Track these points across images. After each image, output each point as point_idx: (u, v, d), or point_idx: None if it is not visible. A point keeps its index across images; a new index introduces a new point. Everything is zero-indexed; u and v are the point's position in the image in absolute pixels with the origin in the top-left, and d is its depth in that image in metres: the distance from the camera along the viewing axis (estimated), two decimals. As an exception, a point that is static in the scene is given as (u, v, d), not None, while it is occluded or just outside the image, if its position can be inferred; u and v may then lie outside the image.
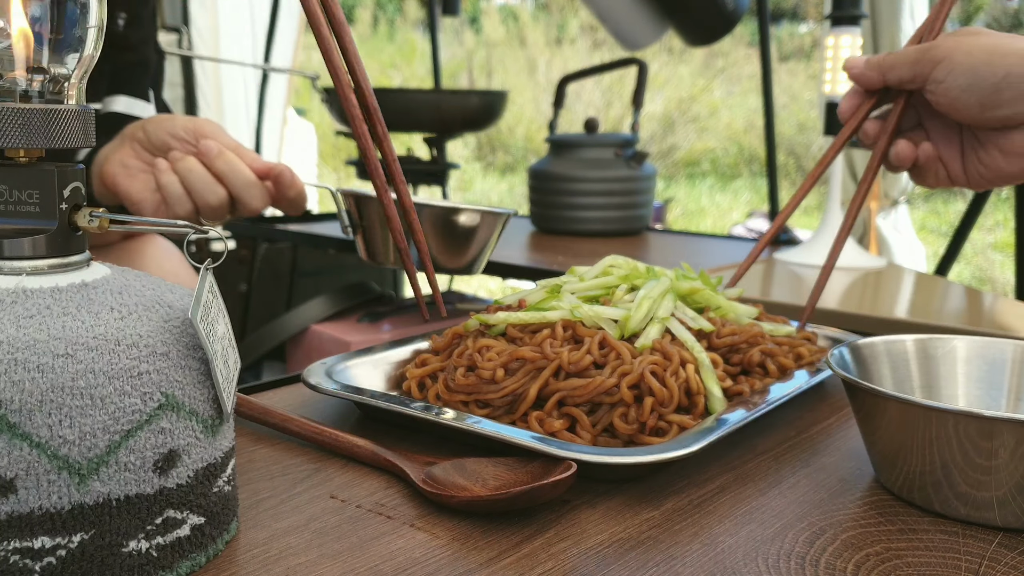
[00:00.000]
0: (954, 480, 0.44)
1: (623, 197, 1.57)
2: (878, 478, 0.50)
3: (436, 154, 1.76)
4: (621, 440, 0.52)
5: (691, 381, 0.53)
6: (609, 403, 0.52)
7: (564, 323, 0.57)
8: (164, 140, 0.75)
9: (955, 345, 0.55)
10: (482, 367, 0.54)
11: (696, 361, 0.55)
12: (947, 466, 0.44)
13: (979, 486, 0.43)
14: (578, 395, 0.52)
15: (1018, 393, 0.54)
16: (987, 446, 0.42)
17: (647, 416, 0.51)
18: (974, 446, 0.42)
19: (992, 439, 0.42)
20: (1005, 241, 4.84)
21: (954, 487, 0.44)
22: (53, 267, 0.37)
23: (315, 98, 1.90)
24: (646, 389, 0.52)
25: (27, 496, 0.33)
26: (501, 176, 7.17)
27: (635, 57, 1.70)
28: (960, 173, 0.64)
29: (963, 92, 0.58)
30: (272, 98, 3.35)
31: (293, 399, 0.62)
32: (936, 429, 0.43)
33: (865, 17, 1.33)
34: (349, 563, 0.39)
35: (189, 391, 0.37)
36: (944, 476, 0.44)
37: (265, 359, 1.78)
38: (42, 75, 0.37)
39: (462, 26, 8.03)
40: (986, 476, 0.43)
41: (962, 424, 0.42)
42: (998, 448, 0.42)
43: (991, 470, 0.42)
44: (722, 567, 0.40)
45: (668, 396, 0.52)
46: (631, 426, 0.51)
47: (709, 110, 7.27)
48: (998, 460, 0.42)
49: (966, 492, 0.44)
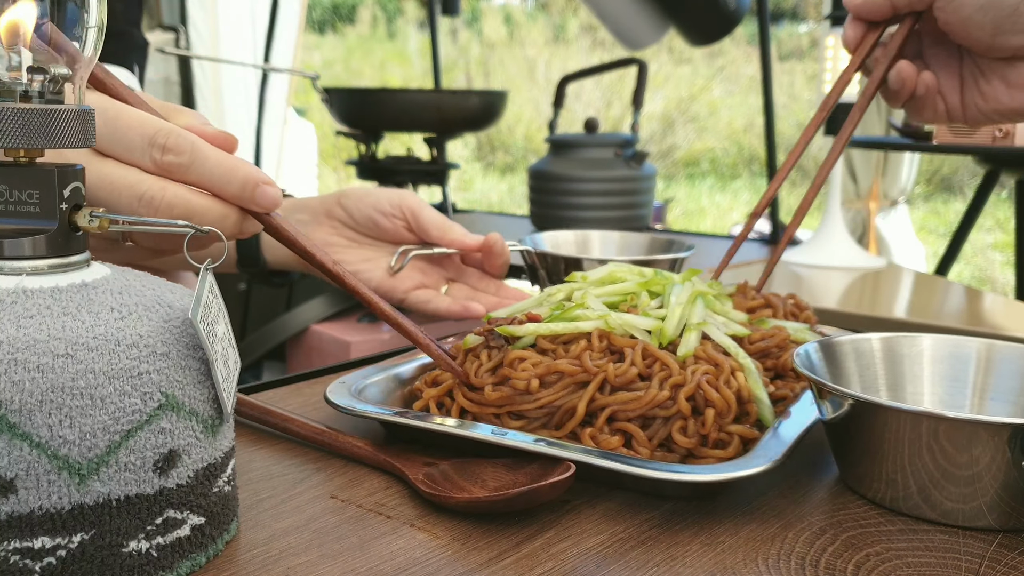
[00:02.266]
0: (924, 483, 0.44)
1: (623, 197, 1.57)
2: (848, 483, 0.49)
3: (436, 154, 1.76)
4: (679, 454, 0.50)
5: (743, 389, 0.51)
6: (663, 416, 0.50)
7: (599, 333, 0.54)
8: (370, 216, 0.76)
9: (922, 343, 0.55)
10: (516, 377, 0.52)
11: (743, 368, 0.53)
12: (917, 468, 0.44)
13: (957, 485, 0.43)
14: (630, 409, 0.50)
15: (983, 391, 0.54)
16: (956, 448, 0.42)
17: (710, 428, 0.49)
18: (942, 448, 0.42)
19: (964, 441, 0.42)
20: (1005, 241, 4.84)
21: (934, 491, 0.44)
22: (53, 267, 0.37)
23: (315, 98, 1.90)
24: (702, 400, 0.50)
25: (27, 496, 0.33)
26: (501, 176, 7.17)
27: (635, 57, 1.70)
28: (958, 106, 0.61)
29: (977, 11, 0.54)
30: (272, 98, 3.35)
31: (293, 399, 0.62)
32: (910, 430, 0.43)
33: (865, 17, 1.33)
34: (349, 563, 0.39)
35: (189, 391, 0.37)
36: (918, 479, 0.44)
37: (265, 359, 1.78)
38: (42, 75, 0.37)
39: (461, 26, 8.03)
40: (965, 482, 0.43)
41: (932, 425, 0.42)
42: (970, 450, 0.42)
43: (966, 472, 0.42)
44: (722, 567, 0.40)
45: (726, 406, 0.50)
46: (691, 439, 0.49)
47: (709, 110, 7.27)
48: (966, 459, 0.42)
49: (942, 494, 0.44)
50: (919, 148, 1.66)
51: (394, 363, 0.61)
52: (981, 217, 2.25)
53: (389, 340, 1.58)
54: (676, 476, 0.43)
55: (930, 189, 6.10)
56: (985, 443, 0.41)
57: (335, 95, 1.69)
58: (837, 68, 1.32)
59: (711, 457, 0.49)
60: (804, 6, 7.95)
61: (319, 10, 8.36)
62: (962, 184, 6.00)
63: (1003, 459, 0.42)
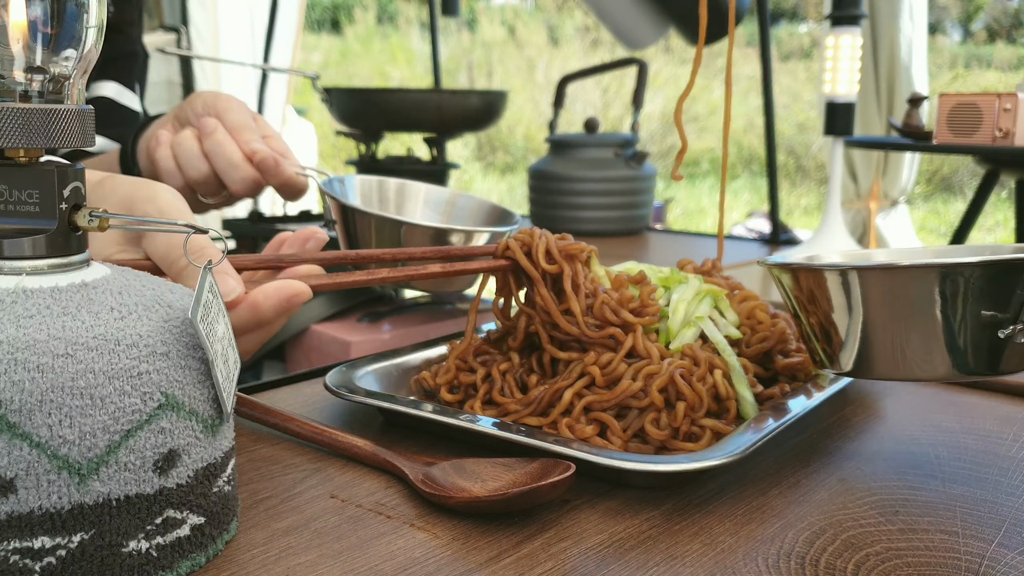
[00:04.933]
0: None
1: (623, 197, 1.57)
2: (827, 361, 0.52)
3: (436, 154, 1.76)
4: (652, 446, 0.51)
5: (719, 385, 0.53)
6: (638, 407, 0.51)
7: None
8: (187, 115, 0.76)
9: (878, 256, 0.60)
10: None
11: (727, 365, 0.54)
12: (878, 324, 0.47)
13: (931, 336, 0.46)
14: (604, 399, 0.52)
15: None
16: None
17: (680, 421, 0.50)
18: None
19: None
20: (1005, 241, 4.84)
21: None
22: (53, 267, 0.37)
23: (315, 98, 1.90)
24: (675, 393, 0.51)
25: (27, 496, 0.33)
26: (501, 176, 7.17)
27: (635, 57, 1.70)
28: None
29: None
30: (272, 98, 3.35)
31: (293, 399, 0.62)
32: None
33: (865, 17, 1.33)
34: (349, 563, 0.39)
35: (189, 391, 0.37)
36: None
37: (265, 359, 1.78)
38: (42, 75, 0.37)
39: (461, 26, 8.03)
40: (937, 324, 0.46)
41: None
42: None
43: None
44: (722, 567, 0.40)
45: (698, 400, 0.51)
46: (663, 431, 0.50)
47: (709, 110, 7.27)
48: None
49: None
50: (919, 148, 1.66)
51: (397, 355, 0.63)
52: (981, 217, 2.25)
53: (389, 340, 1.58)
54: (632, 465, 0.44)
55: (930, 189, 6.10)
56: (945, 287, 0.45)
57: (335, 95, 1.69)
58: (837, 68, 1.32)
59: (681, 449, 0.50)
60: (804, 6, 7.95)
61: (318, 10, 8.36)
62: (962, 184, 6.00)
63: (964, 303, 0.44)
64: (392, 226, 0.66)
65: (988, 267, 0.45)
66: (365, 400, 0.53)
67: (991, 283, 0.45)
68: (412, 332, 1.59)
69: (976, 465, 0.52)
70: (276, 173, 0.74)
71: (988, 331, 0.45)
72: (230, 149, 0.73)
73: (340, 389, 0.54)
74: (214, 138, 0.73)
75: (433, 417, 0.51)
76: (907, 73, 2.95)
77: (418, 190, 0.81)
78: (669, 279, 0.62)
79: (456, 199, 0.80)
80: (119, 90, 0.93)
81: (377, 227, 0.67)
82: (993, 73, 7.44)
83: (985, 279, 0.45)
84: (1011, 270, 0.45)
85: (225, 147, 0.73)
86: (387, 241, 0.68)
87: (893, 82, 2.95)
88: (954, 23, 8.32)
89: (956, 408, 0.62)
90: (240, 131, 0.74)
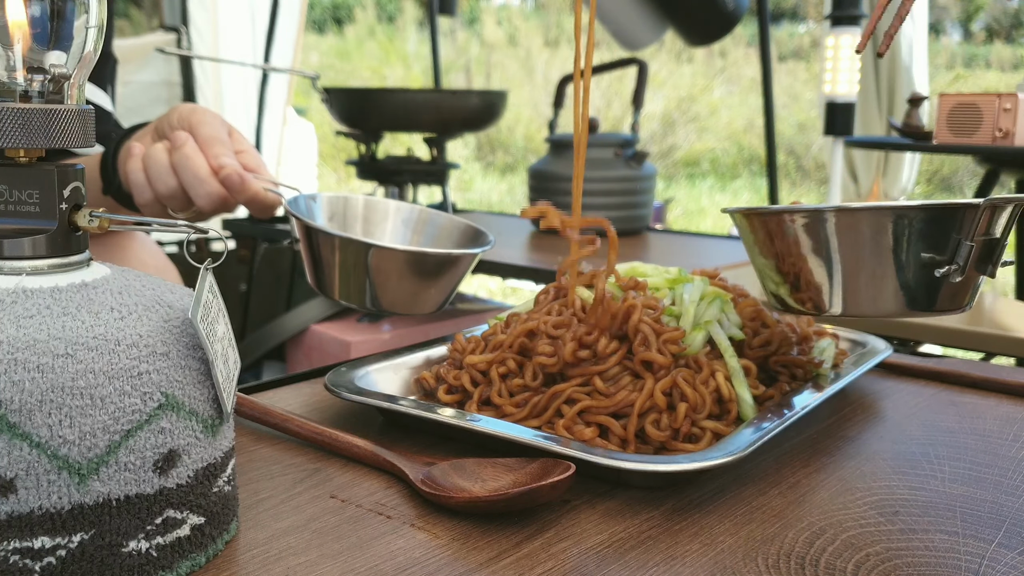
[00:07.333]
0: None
1: (623, 197, 1.58)
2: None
3: (436, 154, 1.76)
4: (652, 446, 0.51)
5: (722, 388, 0.53)
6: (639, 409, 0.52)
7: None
8: (164, 128, 0.76)
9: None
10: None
11: (728, 368, 0.55)
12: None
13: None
14: (601, 406, 0.52)
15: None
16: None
17: (681, 422, 0.51)
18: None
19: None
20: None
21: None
22: (53, 267, 0.37)
23: (315, 98, 1.90)
24: (678, 395, 0.52)
25: (27, 496, 0.33)
26: (501, 176, 7.17)
27: (635, 57, 1.70)
28: None
29: None
30: (272, 98, 3.35)
31: (293, 399, 0.62)
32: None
33: (865, 17, 1.33)
34: (349, 563, 0.39)
35: (189, 391, 0.37)
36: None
37: (265, 359, 1.78)
38: (42, 75, 0.37)
39: (460, 26, 8.03)
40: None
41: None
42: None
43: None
44: (722, 567, 0.40)
45: (700, 401, 0.51)
46: (664, 432, 0.51)
47: (709, 110, 7.27)
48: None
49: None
50: (919, 148, 1.66)
51: (397, 355, 0.63)
52: (981, 217, 2.24)
53: (389, 340, 1.58)
54: (631, 465, 0.44)
55: (930, 189, 6.10)
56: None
57: (335, 95, 1.69)
58: (837, 68, 1.32)
59: (681, 450, 0.50)
60: (804, 6, 7.96)
61: (318, 10, 8.36)
62: (962, 184, 6.00)
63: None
64: (357, 247, 0.65)
65: (927, 210, 0.49)
66: (365, 400, 0.53)
67: (930, 225, 0.49)
68: (412, 332, 1.59)
69: (976, 465, 0.52)
70: (241, 189, 0.72)
71: (927, 271, 0.50)
72: (197, 163, 0.71)
73: (340, 389, 0.54)
74: (183, 151, 0.72)
75: (433, 417, 0.51)
76: (907, 73, 2.95)
77: (386, 208, 0.80)
78: (676, 280, 0.63)
79: (428, 217, 0.78)
80: (92, 89, 0.93)
81: (341, 248, 0.65)
82: (993, 73, 7.45)
83: (924, 222, 0.49)
84: (948, 214, 0.49)
85: (192, 160, 0.71)
86: (351, 262, 0.66)
87: (893, 82, 2.95)
88: (954, 23, 8.32)
89: (956, 408, 0.62)
90: (211, 145, 0.73)
